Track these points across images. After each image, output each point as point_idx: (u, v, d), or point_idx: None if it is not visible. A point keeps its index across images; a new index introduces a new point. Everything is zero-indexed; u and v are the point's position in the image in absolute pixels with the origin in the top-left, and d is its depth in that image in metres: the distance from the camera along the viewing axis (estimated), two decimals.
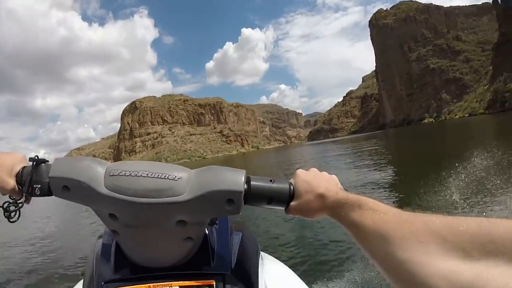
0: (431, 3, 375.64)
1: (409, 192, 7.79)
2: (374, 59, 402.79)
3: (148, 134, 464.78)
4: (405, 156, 18.90)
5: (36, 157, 0.63)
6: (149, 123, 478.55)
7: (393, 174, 11.76)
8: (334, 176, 0.66)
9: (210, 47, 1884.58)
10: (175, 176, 0.55)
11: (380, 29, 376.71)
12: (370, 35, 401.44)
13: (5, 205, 0.62)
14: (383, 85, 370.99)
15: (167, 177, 0.55)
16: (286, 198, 0.64)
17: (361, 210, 0.50)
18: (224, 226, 0.78)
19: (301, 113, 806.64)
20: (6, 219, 0.63)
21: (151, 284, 0.63)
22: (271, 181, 0.64)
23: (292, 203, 0.63)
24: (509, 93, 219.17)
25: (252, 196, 0.62)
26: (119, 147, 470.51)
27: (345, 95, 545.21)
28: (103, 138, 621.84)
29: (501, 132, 26.16)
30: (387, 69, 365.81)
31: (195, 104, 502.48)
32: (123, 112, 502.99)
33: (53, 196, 0.61)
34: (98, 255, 0.72)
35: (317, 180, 0.63)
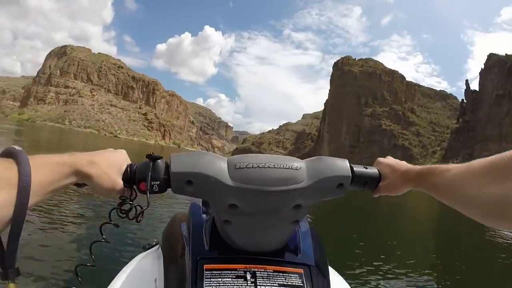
0: (397, 70, 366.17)
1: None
2: (326, 99, 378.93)
3: (67, 87, 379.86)
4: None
5: (152, 154, 0.65)
6: (72, 75, 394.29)
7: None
8: (404, 161, 0.82)
9: (169, 30, 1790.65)
10: (297, 166, 0.62)
11: (344, 74, 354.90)
12: (331, 75, 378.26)
13: (123, 206, 0.64)
14: (328, 128, 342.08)
15: (291, 167, 0.61)
16: (376, 180, 0.78)
17: (435, 174, 0.66)
18: (305, 224, 0.84)
19: (232, 127, 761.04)
20: (131, 220, 0.65)
21: (248, 265, 0.67)
22: (365, 167, 0.78)
23: (381, 184, 0.78)
24: None
25: (354, 180, 0.73)
26: (30, 90, 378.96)
27: (281, 124, 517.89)
28: (23, 76, 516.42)
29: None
30: (337, 114, 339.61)
31: (128, 75, 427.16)
32: (49, 53, 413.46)
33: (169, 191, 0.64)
34: (186, 232, 0.76)
35: (397, 162, 0.80)
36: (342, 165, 0.67)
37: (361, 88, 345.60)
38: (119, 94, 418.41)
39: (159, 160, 0.65)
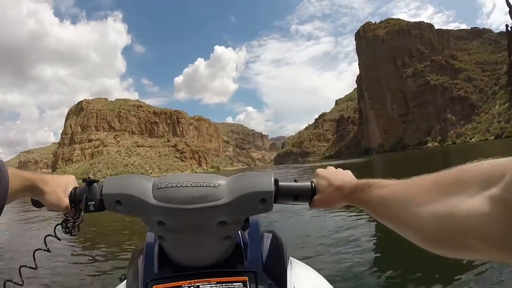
0: (422, 21, 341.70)
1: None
2: (357, 75, 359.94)
3: (90, 141, 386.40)
4: None
5: (88, 178, 0.73)
6: (93, 128, 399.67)
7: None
8: (348, 171, 0.78)
9: (181, 61, 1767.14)
10: (215, 184, 0.64)
11: (370, 41, 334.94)
12: (356, 48, 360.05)
13: (64, 222, 0.73)
14: (371, 104, 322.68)
15: (208, 185, 0.64)
16: (309, 194, 0.76)
17: (370, 189, 0.62)
18: (255, 229, 0.86)
19: (267, 136, 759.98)
20: (66, 235, 0.74)
21: (192, 281, 0.71)
22: (295, 180, 0.76)
23: (315, 198, 0.75)
24: None
25: (281, 195, 0.73)
26: (57, 153, 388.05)
27: (317, 117, 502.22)
28: (53, 143, 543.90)
29: None
30: (377, 86, 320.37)
31: (149, 111, 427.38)
32: (68, 113, 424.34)
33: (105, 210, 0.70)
34: (142, 258, 0.81)
35: (335, 175, 0.76)
36: (264, 180, 0.67)
37: (393, 50, 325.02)
38: (144, 133, 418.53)
39: (95, 184, 0.74)
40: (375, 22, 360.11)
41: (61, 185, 0.73)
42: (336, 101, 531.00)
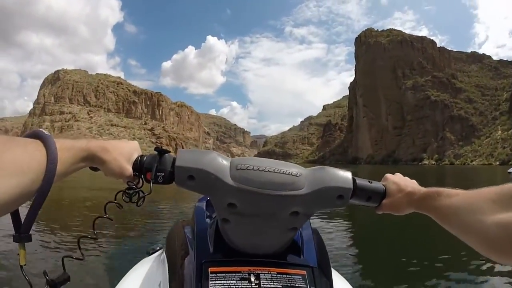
0: (425, 36, 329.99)
1: None
2: (350, 82, 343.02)
3: (62, 113, 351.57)
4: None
5: (160, 147, 0.70)
6: (67, 100, 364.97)
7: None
8: (414, 180, 0.79)
9: (172, 46, 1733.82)
10: (297, 173, 0.62)
11: (370, 47, 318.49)
12: (355, 53, 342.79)
13: (128, 190, 0.67)
14: (365, 112, 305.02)
15: (291, 173, 0.62)
16: (380, 197, 0.76)
17: (440, 198, 0.63)
18: (307, 224, 0.84)
19: (249, 132, 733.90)
20: (132, 203, 0.68)
21: (251, 267, 0.69)
22: (369, 182, 0.76)
23: (385, 201, 0.76)
24: None
25: (357, 193, 0.72)
26: (25, 123, 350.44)
27: (303, 120, 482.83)
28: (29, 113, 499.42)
29: None
30: (373, 94, 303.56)
31: (128, 90, 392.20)
32: (43, 81, 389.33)
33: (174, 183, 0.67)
34: (190, 236, 0.78)
35: (404, 181, 0.77)
36: (344, 176, 0.67)
37: (394, 59, 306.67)
38: (121, 112, 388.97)
39: (166, 154, 0.70)
40: (377, 30, 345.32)
41: (124, 153, 0.69)
42: (324, 106, 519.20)
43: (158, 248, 0.97)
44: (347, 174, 0.67)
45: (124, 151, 0.69)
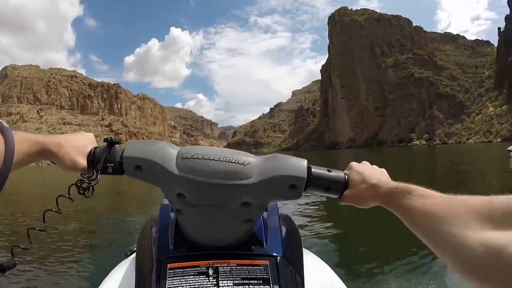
0: (401, 15, 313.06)
1: None
2: (322, 64, 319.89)
3: (10, 114, 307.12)
4: None
5: (110, 138, 0.68)
6: (15, 99, 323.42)
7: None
8: (383, 169, 0.70)
9: (134, 40, 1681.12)
10: (244, 161, 0.60)
11: (345, 25, 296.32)
12: (329, 32, 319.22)
13: (79, 183, 0.66)
14: (343, 93, 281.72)
15: (237, 161, 0.59)
16: (341, 187, 0.68)
17: (411, 196, 0.55)
18: (274, 212, 0.81)
19: (217, 124, 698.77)
20: (81, 196, 0.67)
21: (210, 261, 0.66)
22: (328, 170, 0.68)
23: (346, 192, 0.68)
24: None
25: (312, 183, 0.66)
26: None
27: (272, 107, 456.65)
28: None
29: None
30: (350, 74, 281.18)
31: (83, 83, 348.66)
32: None
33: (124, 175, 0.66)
34: (155, 233, 0.76)
35: (370, 171, 0.67)
36: (298, 164, 0.62)
37: (372, 37, 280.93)
38: (76, 109, 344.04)
39: (117, 145, 0.69)
40: (351, 9, 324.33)
41: (78, 146, 0.68)
42: (293, 91, 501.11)
43: (135, 249, 0.91)
44: (302, 162, 0.63)
45: (78, 144, 0.68)
